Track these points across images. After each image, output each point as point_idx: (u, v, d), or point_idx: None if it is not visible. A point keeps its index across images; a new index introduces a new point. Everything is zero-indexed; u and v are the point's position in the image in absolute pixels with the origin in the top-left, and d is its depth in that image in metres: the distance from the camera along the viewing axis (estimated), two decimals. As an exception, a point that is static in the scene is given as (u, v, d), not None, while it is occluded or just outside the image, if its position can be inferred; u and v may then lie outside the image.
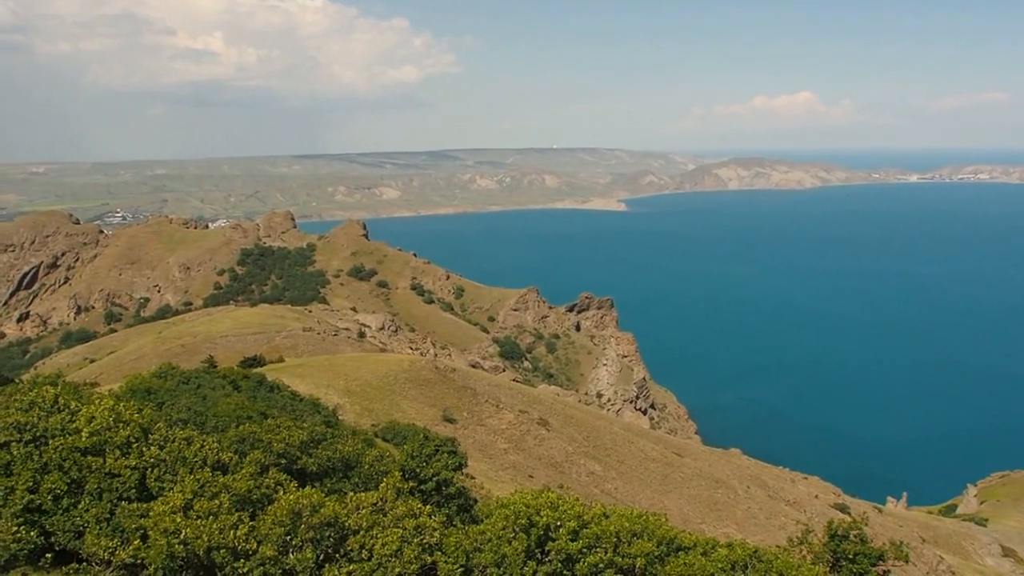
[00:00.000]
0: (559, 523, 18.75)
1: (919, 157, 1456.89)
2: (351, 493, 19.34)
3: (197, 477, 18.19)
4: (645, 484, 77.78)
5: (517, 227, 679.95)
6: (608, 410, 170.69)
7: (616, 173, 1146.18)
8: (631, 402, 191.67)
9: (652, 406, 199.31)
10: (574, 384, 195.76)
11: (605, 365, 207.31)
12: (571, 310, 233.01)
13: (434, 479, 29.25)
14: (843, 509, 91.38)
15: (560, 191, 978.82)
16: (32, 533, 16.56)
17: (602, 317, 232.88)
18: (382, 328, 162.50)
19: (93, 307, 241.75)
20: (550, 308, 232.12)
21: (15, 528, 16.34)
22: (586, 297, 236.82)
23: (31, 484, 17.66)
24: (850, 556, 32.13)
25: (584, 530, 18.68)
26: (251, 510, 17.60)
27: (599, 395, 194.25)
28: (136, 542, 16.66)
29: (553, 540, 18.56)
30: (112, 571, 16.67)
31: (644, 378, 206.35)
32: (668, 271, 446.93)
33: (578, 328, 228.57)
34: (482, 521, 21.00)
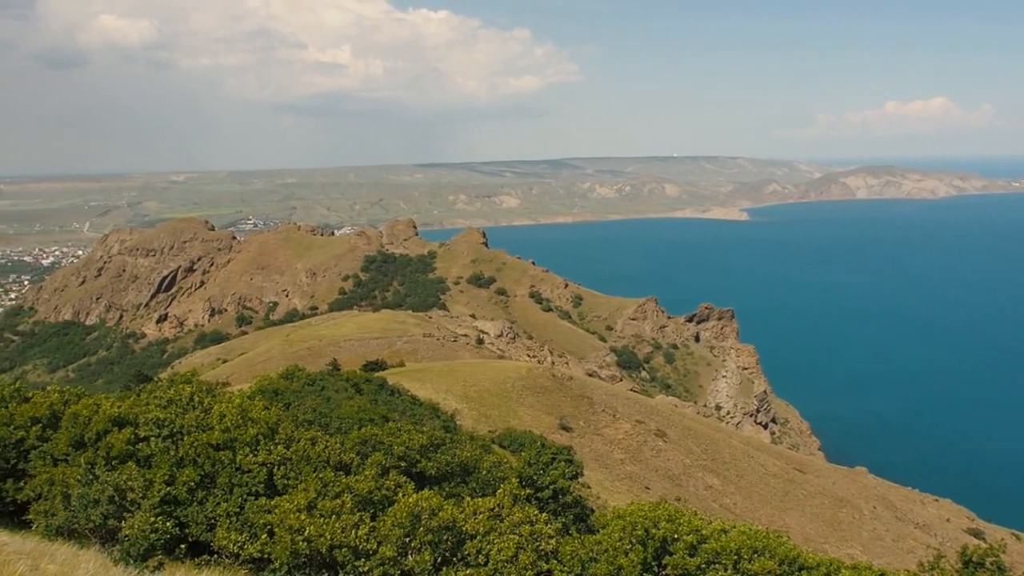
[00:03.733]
0: (677, 536, 18.51)
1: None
2: (468, 498, 19.55)
3: (321, 476, 18.69)
4: (765, 500, 76.09)
5: (636, 236, 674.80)
6: (727, 423, 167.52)
7: (738, 182, 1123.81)
8: (751, 415, 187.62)
9: (773, 420, 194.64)
10: (692, 396, 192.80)
11: (725, 377, 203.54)
12: (690, 320, 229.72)
13: (551, 487, 29.29)
14: (977, 534, 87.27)
15: (680, 200, 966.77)
16: (168, 524, 17.35)
17: (722, 328, 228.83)
18: (500, 335, 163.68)
19: (226, 310, 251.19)
20: (669, 318, 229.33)
21: (153, 519, 17.16)
22: (706, 308, 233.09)
23: (168, 477, 18.51)
24: (984, 584, 30.70)
25: (703, 545, 18.38)
26: (372, 511, 17.98)
27: (718, 407, 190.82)
28: (263, 537, 17.26)
29: (671, 554, 18.34)
30: (240, 564, 17.30)
31: (765, 391, 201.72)
32: (791, 282, 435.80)
33: (697, 339, 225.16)
34: (598, 531, 20.93)
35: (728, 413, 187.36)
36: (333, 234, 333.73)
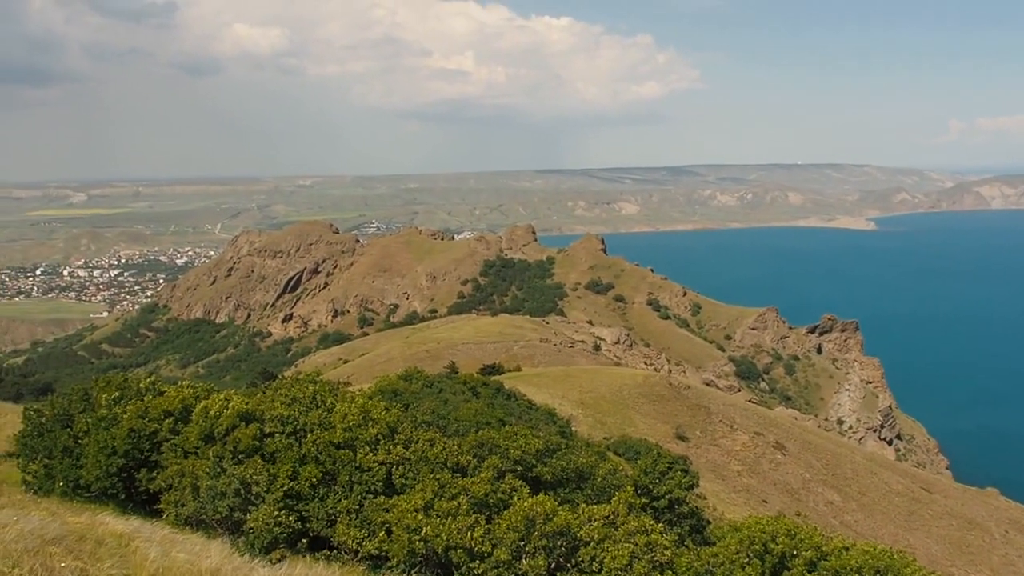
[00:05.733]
0: (796, 552, 18.03)
1: None
2: (583, 504, 19.47)
3: (438, 477, 18.90)
4: (888, 519, 73.44)
5: (758, 245, 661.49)
6: (849, 438, 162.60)
7: (865, 190, 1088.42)
8: (875, 431, 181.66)
9: (898, 436, 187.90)
10: (813, 409, 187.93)
11: (848, 390, 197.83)
12: (812, 331, 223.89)
13: (667, 497, 28.90)
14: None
15: (804, 208, 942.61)
16: (291, 518, 17.84)
17: (846, 340, 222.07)
18: (617, 342, 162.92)
19: (348, 311, 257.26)
20: (790, 328, 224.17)
21: (276, 512, 17.67)
22: (829, 318, 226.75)
23: (291, 472, 19.04)
24: None
25: (823, 562, 17.86)
26: (487, 513, 18.09)
27: (840, 421, 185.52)
28: (381, 535, 17.56)
29: (789, 570, 17.88)
30: (359, 560, 17.64)
31: (890, 406, 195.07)
32: (920, 294, 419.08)
33: (819, 350, 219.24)
34: (715, 543, 20.57)
35: (850, 428, 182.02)
36: (453, 238, 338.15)
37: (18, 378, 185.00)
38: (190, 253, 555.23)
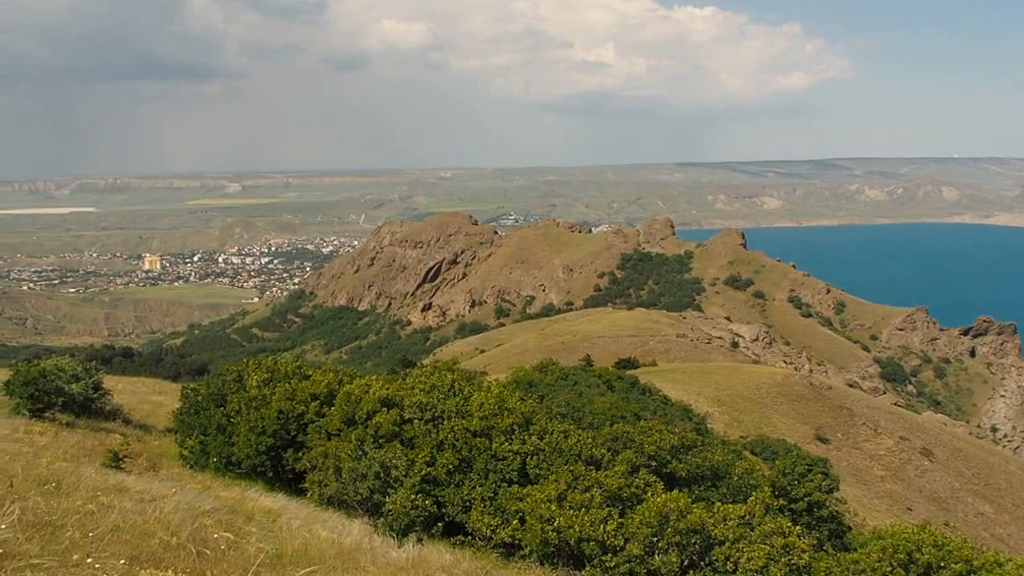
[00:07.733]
0: (943, 564, 17.30)
1: None
2: (718, 503, 19.23)
3: (572, 469, 18.98)
4: (1047, 534, 69.42)
5: (908, 241, 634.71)
6: (1004, 446, 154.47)
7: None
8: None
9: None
10: (964, 414, 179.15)
11: (1003, 396, 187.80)
12: (965, 334, 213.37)
13: (805, 499, 28.25)
14: None
15: (959, 204, 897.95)
16: (427, 502, 18.28)
17: (1002, 344, 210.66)
18: (756, 339, 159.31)
19: (485, 302, 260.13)
20: (941, 330, 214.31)
21: (414, 496, 18.15)
22: (984, 320, 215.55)
23: (429, 458, 19.51)
24: None
25: (972, 576, 17.10)
26: (620, 507, 18.06)
27: (994, 429, 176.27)
28: (515, 523, 17.77)
29: (935, 582, 17.18)
30: (492, 547, 17.92)
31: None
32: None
33: (973, 354, 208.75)
34: (855, 550, 19.97)
35: (1006, 436, 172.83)
36: (591, 231, 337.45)
37: (176, 358, 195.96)
38: (335, 242, 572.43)
